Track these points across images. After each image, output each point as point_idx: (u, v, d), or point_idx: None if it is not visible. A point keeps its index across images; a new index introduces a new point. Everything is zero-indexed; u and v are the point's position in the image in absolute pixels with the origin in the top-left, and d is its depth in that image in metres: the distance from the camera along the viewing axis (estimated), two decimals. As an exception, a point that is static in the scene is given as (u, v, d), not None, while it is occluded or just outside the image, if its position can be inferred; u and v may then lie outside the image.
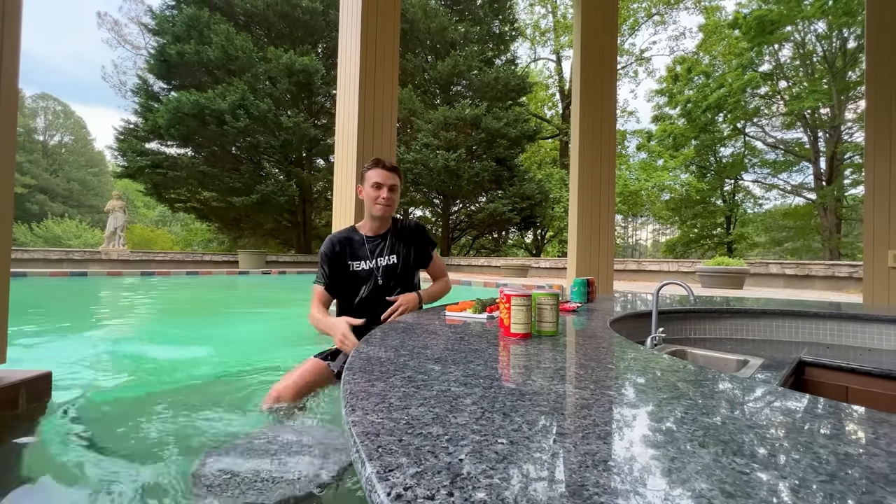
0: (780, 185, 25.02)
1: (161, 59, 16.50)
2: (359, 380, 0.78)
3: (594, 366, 0.92)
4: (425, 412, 0.61)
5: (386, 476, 0.43)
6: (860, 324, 2.01)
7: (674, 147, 24.18)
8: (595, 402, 0.68)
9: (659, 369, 0.91)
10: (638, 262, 11.08)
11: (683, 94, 24.13)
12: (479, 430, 0.55)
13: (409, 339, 1.18)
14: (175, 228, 36.18)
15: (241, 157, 18.19)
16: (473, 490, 0.41)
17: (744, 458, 0.48)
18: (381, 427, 0.56)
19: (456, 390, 0.72)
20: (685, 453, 0.50)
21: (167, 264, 14.26)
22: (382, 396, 0.69)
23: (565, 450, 0.50)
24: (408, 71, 19.22)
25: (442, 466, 0.45)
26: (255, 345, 4.54)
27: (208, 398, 2.62)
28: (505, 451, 0.49)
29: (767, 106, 23.55)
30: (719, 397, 0.73)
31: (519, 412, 0.62)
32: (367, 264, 1.88)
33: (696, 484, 0.43)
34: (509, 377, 0.81)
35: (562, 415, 0.62)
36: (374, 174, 1.85)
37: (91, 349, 3.92)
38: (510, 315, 1.21)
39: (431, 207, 22.22)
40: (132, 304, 7.38)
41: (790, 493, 0.42)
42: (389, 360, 0.92)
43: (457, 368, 0.86)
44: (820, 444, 0.53)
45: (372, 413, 0.61)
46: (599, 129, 4.48)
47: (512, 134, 18.08)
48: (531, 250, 25.42)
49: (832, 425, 0.61)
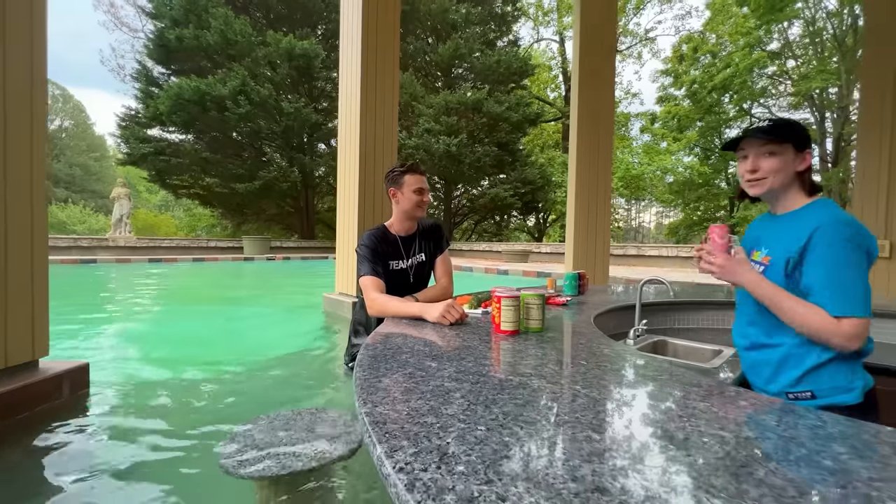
0: (785, 168, 24.79)
1: (160, 44, 16.39)
2: (368, 375, 0.93)
3: (568, 362, 1.07)
4: (423, 404, 0.76)
5: (392, 454, 0.58)
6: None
7: (678, 129, 23.93)
8: (562, 395, 0.83)
9: (627, 364, 1.06)
10: (637, 248, 11.19)
11: (689, 74, 23.75)
12: (464, 419, 0.70)
13: (410, 335, 1.33)
14: (178, 213, 36.32)
15: (243, 143, 18.21)
16: (455, 465, 0.56)
17: (661, 439, 0.63)
18: (388, 417, 0.71)
19: (448, 385, 0.87)
20: (618, 435, 0.64)
21: (173, 251, 14.48)
22: (388, 391, 0.84)
23: (528, 434, 0.65)
24: (408, 54, 18.99)
25: (433, 448, 0.60)
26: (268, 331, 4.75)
27: (229, 384, 2.83)
28: (482, 436, 0.64)
29: (774, 86, 23.18)
30: (667, 390, 0.88)
31: (498, 404, 0.77)
32: (403, 263, 1.98)
33: (619, 460, 0.58)
34: (494, 373, 0.96)
35: (532, 406, 0.77)
36: (415, 180, 1.93)
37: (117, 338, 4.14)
38: (500, 314, 1.36)
39: (433, 192, 22.24)
40: (147, 291, 7.60)
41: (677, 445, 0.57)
42: (392, 357, 1.07)
43: (450, 365, 1.01)
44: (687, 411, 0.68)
45: (380, 405, 0.76)
46: (596, 126, 4.55)
47: (514, 118, 17.97)
48: (534, 234, 25.50)
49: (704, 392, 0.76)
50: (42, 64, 2.04)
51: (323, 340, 4.22)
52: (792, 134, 1.13)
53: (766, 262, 1.20)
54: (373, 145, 4.30)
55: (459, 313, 1.50)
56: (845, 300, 1.01)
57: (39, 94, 2.09)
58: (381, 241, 1.94)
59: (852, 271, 1.02)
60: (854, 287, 1.01)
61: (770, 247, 1.20)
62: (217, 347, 3.90)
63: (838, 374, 1.09)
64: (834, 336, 1.02)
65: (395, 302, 1.66)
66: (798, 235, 1.10)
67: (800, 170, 1.15)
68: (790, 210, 1.18)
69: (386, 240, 1.97)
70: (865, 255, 1.03)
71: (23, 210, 1.98)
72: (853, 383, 1.08)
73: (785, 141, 1.13)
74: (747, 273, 1.15)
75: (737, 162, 1.25)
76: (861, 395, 1.08)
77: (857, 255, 1.02)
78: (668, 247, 10.85)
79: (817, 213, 1.10)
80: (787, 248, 1.12)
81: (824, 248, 1.04)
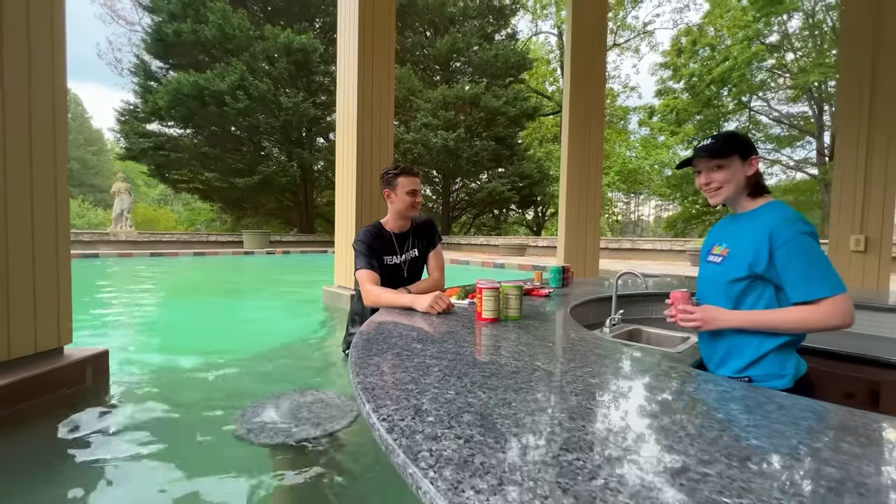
0: (783, 161, 24.94)
1: (158, 39, 16.39)
2: (361, 354, 1.09)
3: (537, 343, 1.23)
4: (405, 376, 0.92)
5: (377, 410, 0.74)
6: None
7: (677, 123, 23.99)
8: (523, 369, 0.98)
9: (585, 346, 1.22)
10: (632, 242, 11.35)
11: (688, 67, 23.76)
12: (438, 386, 0.86)
13: (401, 322, 1.49)
14: (177, 207, 36.36)
15: (242, 137, 18.27)
16: (426, 417, 0.71)
17: (594, 401, 0.79)
18: (375, 384, 0.87)
19: (429, 362, 1.03)
20: (563, 399, 0.80)
21: (174, 245, 14.62)
22: (377, 366, 1.00)
23: (488, 397, 0.80)
24: (406, 48, 18.98)
25: (411, 406, 0.76)
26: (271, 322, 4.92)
27: (236, 369, 3.00)
28: (451, 398, 0.80)
29: (773, 79, 23.21)
30: (615, 366, 1.03)
31: (468, 376, 0.93)
32: (397, 259, 2.13)
33: (557, 413, 0.73)
34: (470, 353, 1.12)
35: (496, 377, 0.92)
36: (409, 182, 2.07)
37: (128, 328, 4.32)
38: (481, 303, 1.52)
39: (432, 186, 22.34)
40: (152, 284, 7.76)
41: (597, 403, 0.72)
42: (383, 340, 1.23)
43: (433, 347, 1.17)
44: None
45: (370, 376, 0.92)
46: (588, 125, 4.67)
47: (511, 112, 18.02)
48: (532, 227, 25.64)
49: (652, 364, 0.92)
50: (62, 72, 2.19)
51: (323, 330, 4.39)
52: (735, 146, 1.27)
53: (724, 253, 1.33)
54: (370, 140, 4.43)
55: (446, 303, 1.65)
56: (824, 284, 1.11)
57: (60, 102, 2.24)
58: (376, 238, 2.08)
59: (817, 257, 1.13)
60: (824, 270, 1.12)
61: (729, 242, 1.34)
62: (223, 337, 4.07)
63: (773, 363, 1.25)
64: (828, 319, 1.11)
65: (388, 293, 1.81)
66: (755, 233, 1.23)
67: (749, 175, 1.28)
68: (746, 210, 1.31)
69: (381, 236, 2.11)
70: (817, 241, 1.18)
71: (48, 206, 2.14)
72: (784, 370, 1.24)
73: (729, 154, 1.26)
74: (726, 316, 1.26)
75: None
76: (791, 381, 1.23)
77: (814, 244, 1.15)
78: (662, 240, 11.01)
79: (769, 215, 1.23)
80: (744, 246, 1.25)
81: (788, 247, 1.15)
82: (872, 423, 0.74)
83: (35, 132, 2.12)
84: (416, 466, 0.56)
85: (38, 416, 1.99)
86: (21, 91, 2.09)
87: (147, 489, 1.59)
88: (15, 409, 1.93)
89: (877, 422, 0.75)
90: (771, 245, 1.18)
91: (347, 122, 4.43)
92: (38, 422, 1.97)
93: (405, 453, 0.60)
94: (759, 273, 1.20)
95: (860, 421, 0.75)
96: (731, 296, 1.28)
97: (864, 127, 3.70)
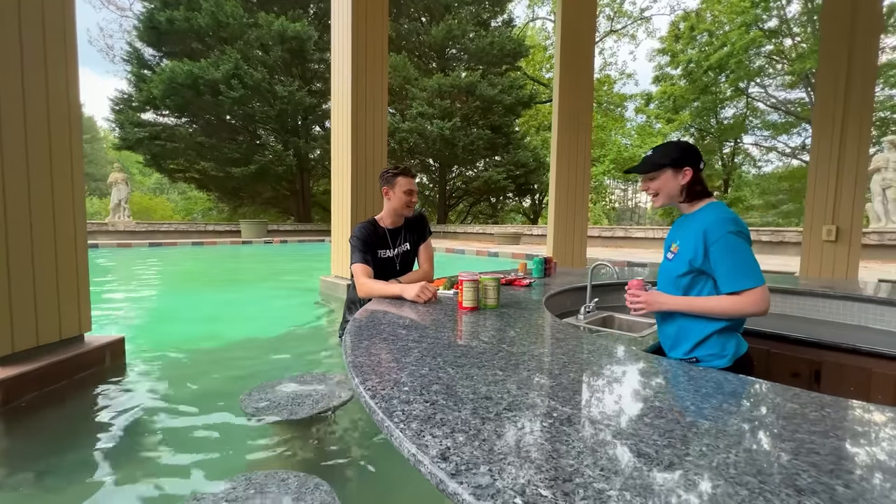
0: (780, 148, 25.04)
1: (150, 26, 16.21)
2: (353, 339, 1.27)
3: (507, 329, 1.41)
4: (389, 357, 1.10)
5: (364, 383, 0.92)
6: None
7: (674, 110, 23.98)
8: (489, 350, 1.17)
9: (550, 331, 1.40)
10: (625, 230, 11.53)
11: (686, 53, 23.66)
12: (415, 364, 1.04)
13: (390, 311, 1.67)
14: (173, 196, 36.24)
15: (237, 126, 18.23)
16: (402, 387, 0.90)
17: (541, 374, 0.98)
18: (364, 363, 1.05)
19: (411, 345, 1.21)
20: (516, 373, 0.99)
21: (172, 235, 14.72)
22: (366, 348, 1.18)
23: (456, 373, 0.99)
24: (401, 35, 18.82)
25: (392, 379, 0.94)
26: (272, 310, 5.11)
27: (241, 353, 3.19)
28: (424, 374, 0.98)
29: (771, 65, 23.15)
30: (569, 347, 1.22)
31: (442, 356, 1.11)
32: (390, 252, 2.29)
33: (509, 385, 0.92)
34: (448, 337, 1.30)
35: (466, 357, 1.10)
36: (406, 182, 2.22)
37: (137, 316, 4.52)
38: (462, 293, 1.69)
39: (428, 174, 22.38)
40: (153, 274, 7.92)
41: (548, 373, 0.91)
42: (373, 327, 1.41)
43: (416, 332, 1.35)
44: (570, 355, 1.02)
45: (360, 357, 1.10)
46: (576, 122, 4.79)
47: (507, 101, 18.00)
48: (529, 215, 25.79)
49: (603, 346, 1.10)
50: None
51: (322, 318, 4.59)
52: (662, 163, 1.45)
53: (675, 251, 1.52)
54: (364, 132, 4.56)
55: (432, 292, 1.83)
56: (746, 277, 1.29)
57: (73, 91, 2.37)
58: (371, 234, 2.25)
59: (742, 254, 1.29)
60: (746, 265, 1.29)
61: (679, 240, 1.53)
62: (227, 324, 4.27)
63: (715, 345, 1.43)
64: (750, 307, 1.29)
65: (380, 285, 2.00)
66: (695, 232, 1.41)
67: (683, 183, 1.46)
68: (690, 212, 1.50)
69: (375, 232, 2.28)
70: (746, 239, 1.33)
71: (66, 202, 2.30)
72: (725, 351, 1.42)
73: (656, 169, 1.45)
74: (666, 300, 1.47)
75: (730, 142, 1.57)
76: (730, 360, 1.42)
77: (740, 241, 1.31)
78: (654, 229, 11.20)
79: (706, 216, 1.41)
80: (687, 244, 1.43)
81: (718, 244, 1.32)
82: (749, 387, 0.93)
83: (53, 123, 2.28)
84: (391, 421, 0.74)
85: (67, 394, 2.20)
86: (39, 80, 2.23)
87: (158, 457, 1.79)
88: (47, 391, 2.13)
89: (749, 384, 0.94)
90: (705, 242, 1.36)
91: (342, 113, 4.55)
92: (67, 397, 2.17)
93: (383, 412, 0.78)
94: (698, 267, 1.38)
95: (746, 388, 0.93)
96: (679, 287, 1.47)
97: (839, 114, 3.81)
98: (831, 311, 2.35)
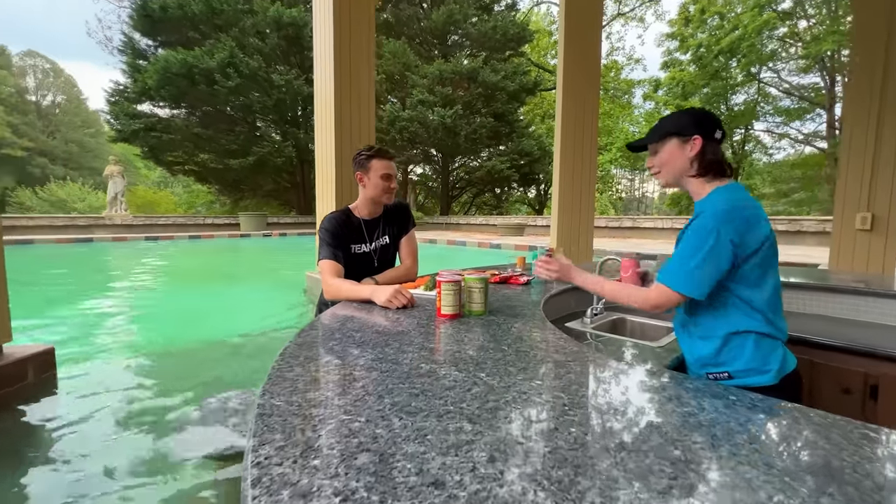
0: (792, 135, 24.28)
1: (144, 14, 15.84)
2: (282, 365, 0.95)
3: (491, 347, 1.09)
4: (318, 395, 0.79)
5: (257, 449, 0.61)
6: (808, 292, 2.16)
7: (682, 96, 23.28)
8: (462, 382, 0.84)
9: (547, 351, 1.07)
10: (633, 220, 11.13)
11: (696, 37, 22.89)
12: (350, 410, 0.72)
13: (356, 317, 1.36)
14: (177, 190, 36.15)
15: (235, 117, 17.89)
16: (313, 458, 0.58)
17: (529, 430, 0.65)
18: (277, 408, 0.73)
19: (357, 374, 0.89)
20: (492, 427, 0.67)
21: (169, 228, 14.52)
22: (293, 381, 0.86)
23: (402, 426, 0.67)
24: (401, 21, 18.31)
25: (302, 440, 0.62)
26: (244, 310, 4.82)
27: (203, 359, 2.90)
28: (357, 428, 0.66)
29: (784, 49, 22.34)
30: (574, 375, 0.89)
31: (393, 394, 0.79)
32: (367, 247, 1.97)
33: (477, 453, 0.60)
34: (410, 360, 0.98)
35: (424, 396, 0.78)
36: (382, 165, 1.89)
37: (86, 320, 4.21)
38: (440, 298, 1.37)
39: (430, 165, 21.97)
40: (130, 271, 7.67)
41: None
42: (321, 344, 1.10)
43: (372, 352, 1.03)
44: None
45: (278, 396, 0.78)
46: (582, 101, 4.42)
47: (511, 87, 17.49)
48: (534, 206, 25.35)
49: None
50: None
51: (304, 317, 4.29)
52: (667, 129, 1.20)
53: None
54: (349, 118, 4.23)
55: (406, 298, 1.52)
56: (670, 274, 1.14)
57: None
58: (342, 225, 1.93)
59: (691, 251, 1.10)
60: (683, 264, 1.11)
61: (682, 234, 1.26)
62: (195, 326, 3.98)
63: (754, 357, 1.12)
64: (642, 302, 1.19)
65: (348, 286, 1.69)
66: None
67: (691, 156, 1.18)
68: (698, 200, 1.22)
69: (349, 223, 1.96)
70: (726, 243, 1.07)
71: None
72: (767, 365, 1.11)
73: (661, 138, 1.22)
74: (576, 274, 1.39)
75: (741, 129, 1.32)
76: (776, 377, 1.10)
77: (702, 238, 1.08)
78: (663, 219, 10.79)
79: (706, 206, 1.14)
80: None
81: (685, 232, 1.16)
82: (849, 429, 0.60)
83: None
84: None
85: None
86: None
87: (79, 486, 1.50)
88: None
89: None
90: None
91: (325, 98, 4.22)
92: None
93: (253, 523, 0.46)
94: None
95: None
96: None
97: (875, 98, 3.45)
98: (884, 313, 2.00)
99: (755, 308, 1.13)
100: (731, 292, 1.13)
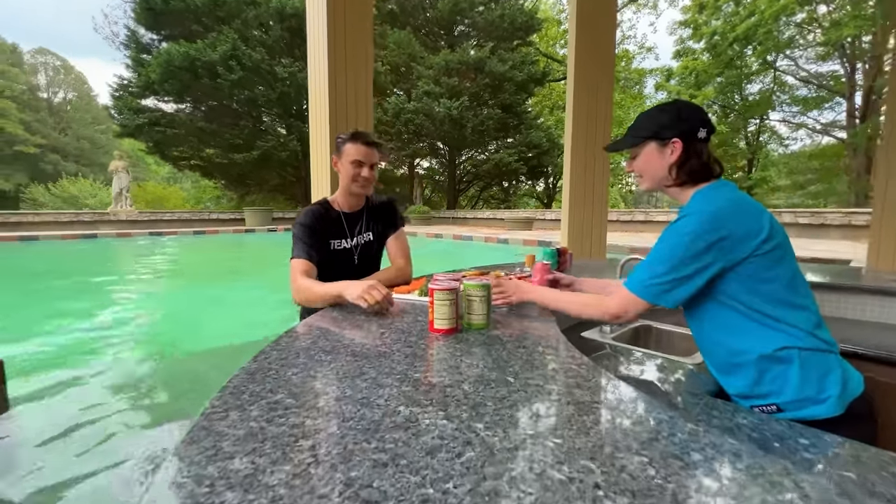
0: (810, 125, 23.52)
1: (147, 7, 15.69)
2: (216, 410, 0.72)
3: (493, 378, 0.85)
4: (246, 465, 0.55)
5: None
6: (852, 294, 1.89)
7: (696, 86, 22.65)
8: (450, 440, 0.61)
9: (563, 379, 0.83)
10: (646, 213, 10.78)
11: (710, 25, 22.18)
12: (281, 496, 0.49)
13: (329, 331, 1.13)
14: (186, 185, 36.32)
15: (239, 111, 17.75)
16: None
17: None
18: (178, 491, 0.51)
19: (308, 425, 0.66)
20: None
21: (175, 223, 14.46)
22: (221, 435, 0.63)
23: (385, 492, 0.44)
24: (406, 11, 17.95)
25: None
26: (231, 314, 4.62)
27: (172, 371, 2.69)
28: None
29: (802, 35, 21.54)
30: (590, 406, 0.65)
31: (350, 462, 0.55)
32: (347, 243, 1.78)
33: None
34: (386, 400, 0.75)
35: (395, 464, 0.55)
36: (354, 150, 1.67)
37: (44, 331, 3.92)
38: (433, 310, 1.14)
39: (437, 157, 21.67)
40: (127, 269, 7.55)
41: None
42: (275, 374, 0.87)
43: (337, 388, 0.80)
44: None
45: (194, 464, 0.56)
46: (595, 89, 4.14)
47: (518, 78, 17.09)
48: (542, 199, 24.95)
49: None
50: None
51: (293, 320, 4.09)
52: (644, 131, 1.08)
53: None
54: (344, 107, 3.99)
55: (382, 294, 1.30)
56: (636, 280, 1.03)
57: None
58: (319, 219, 1.72)
59: (662, 259, 1.00)
60: (651, 270, 1.01)
61: None
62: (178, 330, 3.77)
63: (809, 384, 0.91)
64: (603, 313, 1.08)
65: (319, 287, 1.48)
66: None
67: (670, 161, 1.06)
68: (681, 206, 1.10)
69: (327, 216, 1.75)
70: (703, 246, 0.94)
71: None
72: (824, 392, 0.89)
73: (638, 142, 1.10)
74: (530, 291, 1.27)
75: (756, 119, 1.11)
76: (840, 406, 0.87)
77: (676, 241, 0.98)
78: (676, 212, 10.41)
79: (690, 209, 1.02)
80: None
81: (662, 237, 1.03)
82: None
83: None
84: None
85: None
86: None
87: None
88: None
89: None
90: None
91: (319, 85, 3.97)
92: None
93: None
94: None
95: None
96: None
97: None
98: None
99: (786, 321, 0.93)
100: (745, 305, 0.96)
